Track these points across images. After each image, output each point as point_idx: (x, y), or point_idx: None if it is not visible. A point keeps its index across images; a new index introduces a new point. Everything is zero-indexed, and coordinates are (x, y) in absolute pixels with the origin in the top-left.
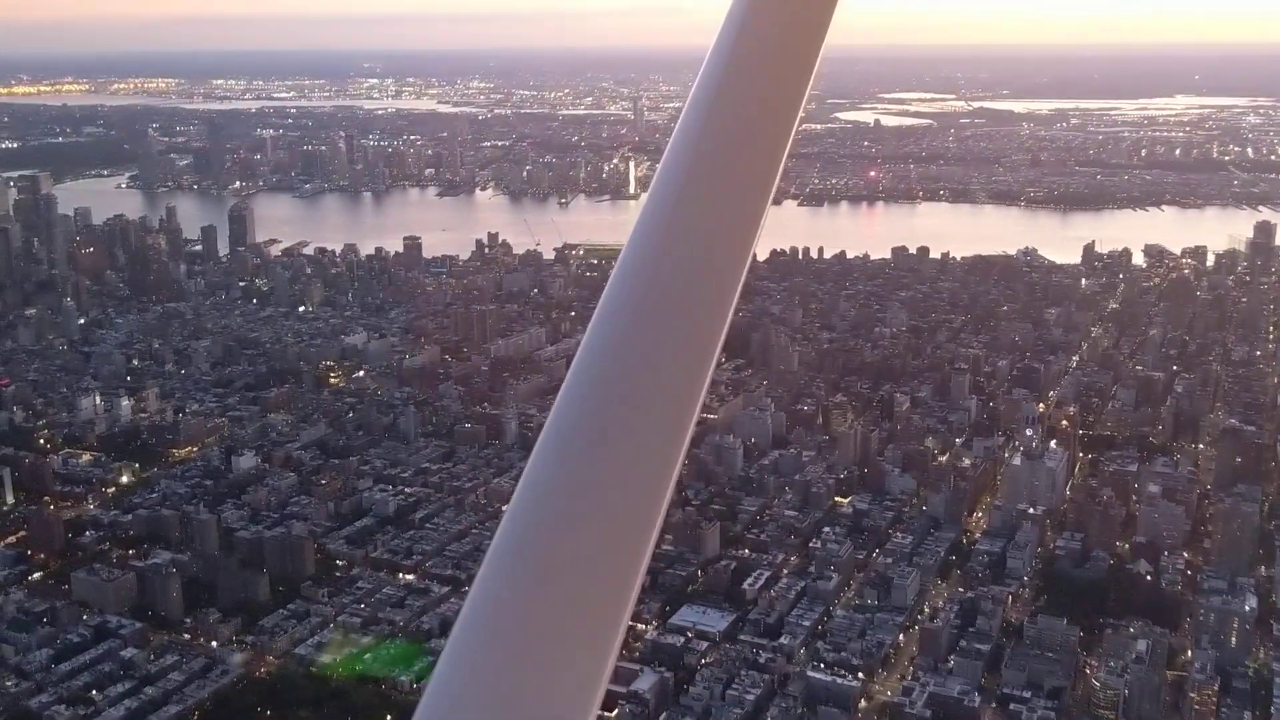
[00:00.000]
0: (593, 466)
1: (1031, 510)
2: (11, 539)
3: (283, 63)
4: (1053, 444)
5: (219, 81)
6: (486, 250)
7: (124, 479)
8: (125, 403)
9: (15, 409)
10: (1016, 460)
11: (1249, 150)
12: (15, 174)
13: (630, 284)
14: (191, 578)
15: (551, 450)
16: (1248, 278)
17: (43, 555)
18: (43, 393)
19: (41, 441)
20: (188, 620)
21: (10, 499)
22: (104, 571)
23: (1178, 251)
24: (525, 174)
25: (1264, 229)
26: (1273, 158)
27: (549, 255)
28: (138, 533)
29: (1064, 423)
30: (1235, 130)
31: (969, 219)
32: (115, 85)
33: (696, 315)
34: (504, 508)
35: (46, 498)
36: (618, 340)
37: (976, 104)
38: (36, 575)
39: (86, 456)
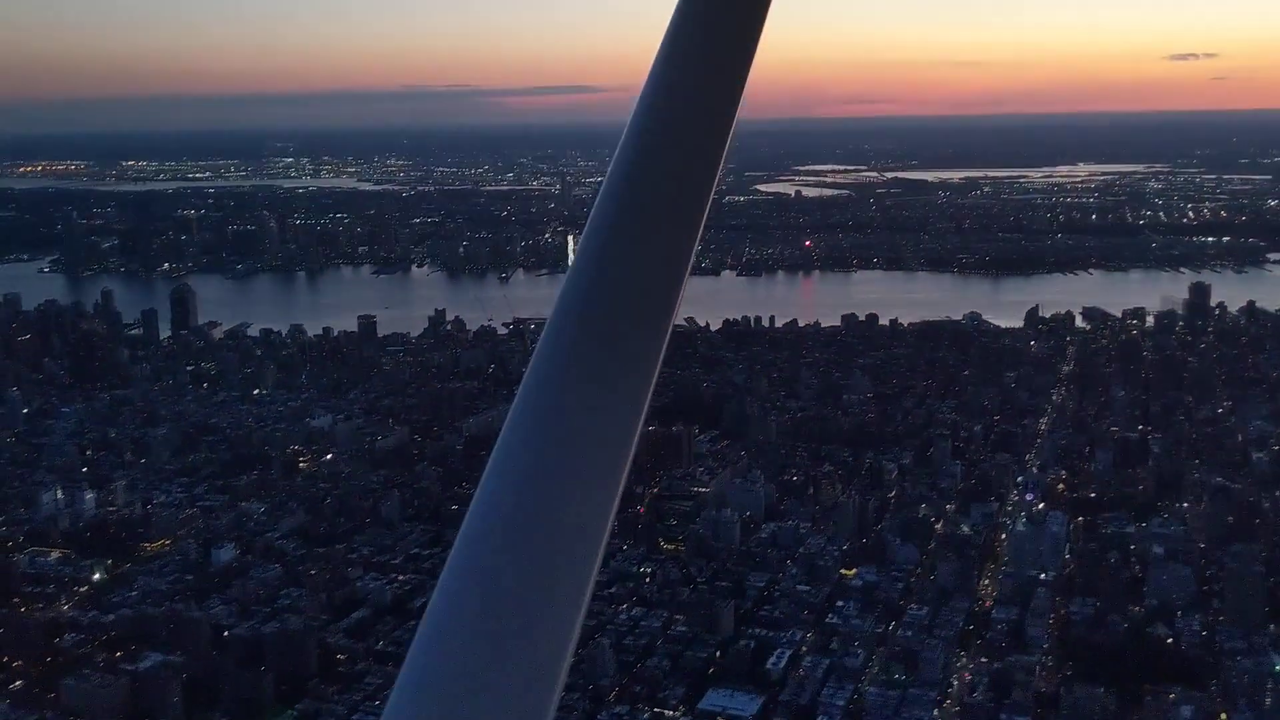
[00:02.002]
0: (542, 479)
1: (1042, 576)
2: None
3: (192, 143)
4: (1039, 506)
5: (129, 162)
6: (440, 327)
7: (96, 576)
8: (89, 495)
9: None
10: (1020, 526)
11: (1161, 214)
12: None
13: (574, 303)
14: (187, 680)
15: (503, 463)
16: (1189, 338)
17: (20, 662)
18: None
19: (1, 540)
20: None
21: None
22: (95, 677)
23: (1116, 314)
24: (461, 250)
25: (1199, 290)
26: (1184, 221)
27: (502, 331)
28: (121, 633)
29: (1059, 486)
30: (1140, 195)
31: (905, 286)
32: (21, 168)
33: (638, 331)
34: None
35: (15, 599)
36: (565, 357)
37: (890, 174)
38: (17, 684)
39: (55, 554)
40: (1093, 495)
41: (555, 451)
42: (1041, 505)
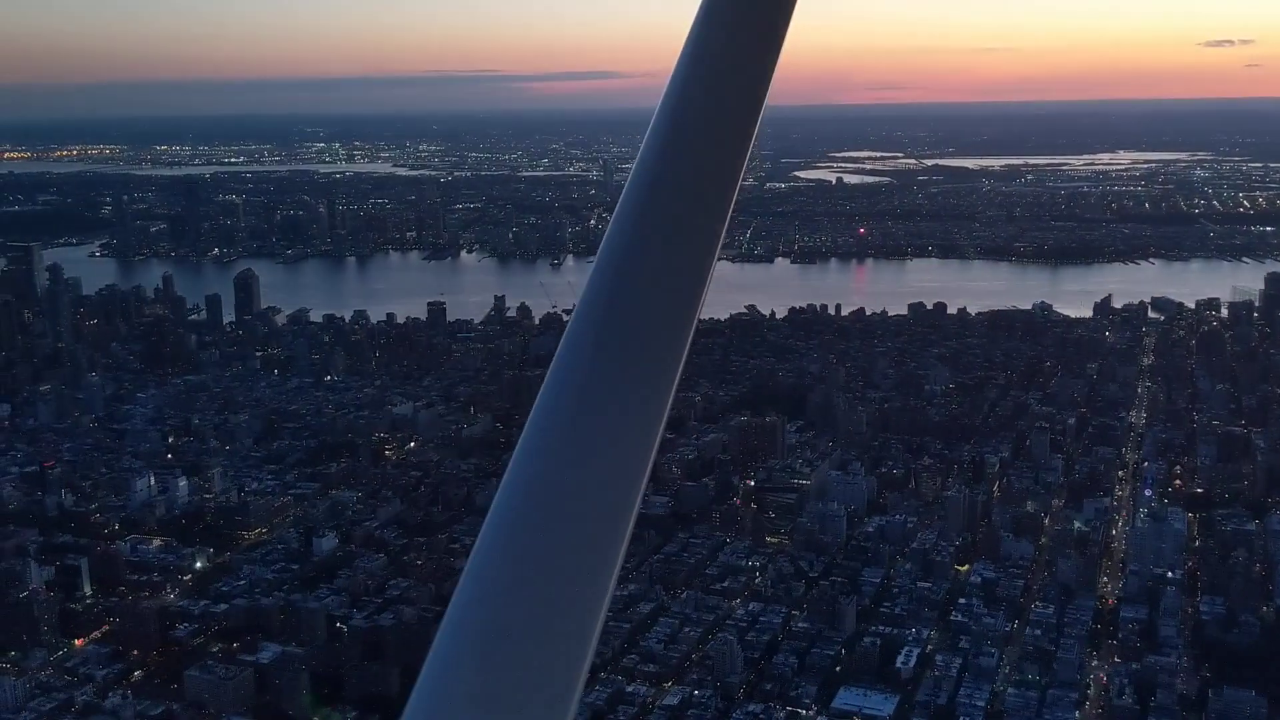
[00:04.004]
0: (566, 475)
1: (1169, 574)
2: (97, 634)
3: (222, 127)
4: (1156, 503)
5: (162, 147)
6: (503, 314)
7: (198, 565)
8: (182, 483)
9: (64, 492)
10: (1140, 522)
11: (1215, 203)
12: None
13: (599, 296)
14: (312, 673)
15: (525, 461)
16: (1268, 329)
17: (136, 652)
18: (85, 474)
19: (98, 527)
20: (316, 718)
21: (88, 590)
22: (219, 668)
23: (1185, 304)
24: (511, 236)
25: (1274, 280)
26: (1240, 210)
27: (565, 318)
28: (235, 624)
29: (1176, 482)
30: (1189, 183)
31: (962, 274)
32: (58, 152)
33: (663, 324)
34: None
35: (122, 588)
36: (589, 352)
37: (930, 161)
38: (137, 674)
39: (156, 541)
40: (1199, 491)
41: (578, 448)
42: (1157, 502)
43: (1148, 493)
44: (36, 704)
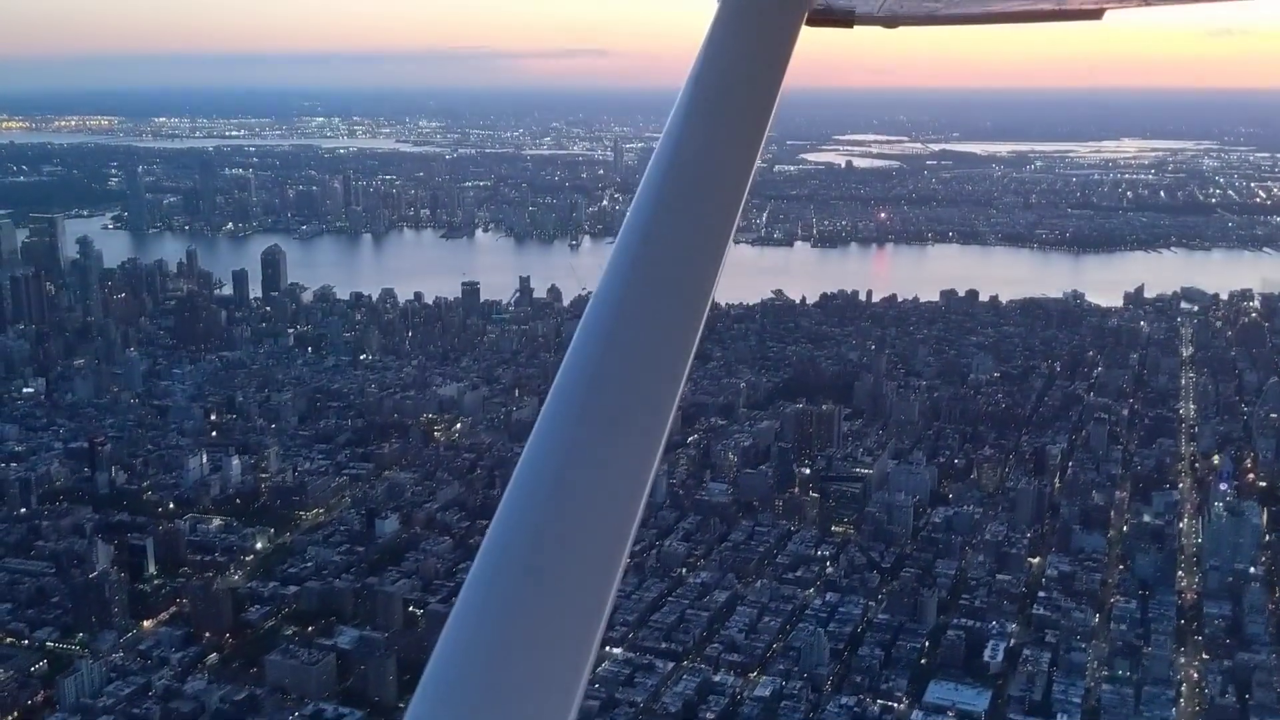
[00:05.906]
0: (573, 475)
1: (1252, 570)
2: (164, 615)
3: (220, 100)
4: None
5: (161, 119)
6: (529, 295)
7: (259, 545)
8: (235, 461)
9: (115, 470)
10: (1217, 516)
11: (1231, 193)
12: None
13: (610, 299)
14: (393, 657)
15: (534, 460)
16: None
17: (209, 634)
18: (133, 451)
19: (152, 505)
20: (402, 706)
21: (153, 570)
22: (301, 653)
23: (1215, 294)
24: (528, 216)
25: None
26: (1256, 200)
27: None
28: (307, 606)
29: (1250, 476)
30: (1199, 172)
31: (986, 261)
32: (56, 122)
33: (673, 325)
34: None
35: (185, 568)
36: (599, 350)
37: (937, 146)
38: (212, 657)
39: (217, 521)
40: (1264, 484)
41: (589, 439)
42: (1231, 495)
43: (1223, 486)
44: (114, 688)
